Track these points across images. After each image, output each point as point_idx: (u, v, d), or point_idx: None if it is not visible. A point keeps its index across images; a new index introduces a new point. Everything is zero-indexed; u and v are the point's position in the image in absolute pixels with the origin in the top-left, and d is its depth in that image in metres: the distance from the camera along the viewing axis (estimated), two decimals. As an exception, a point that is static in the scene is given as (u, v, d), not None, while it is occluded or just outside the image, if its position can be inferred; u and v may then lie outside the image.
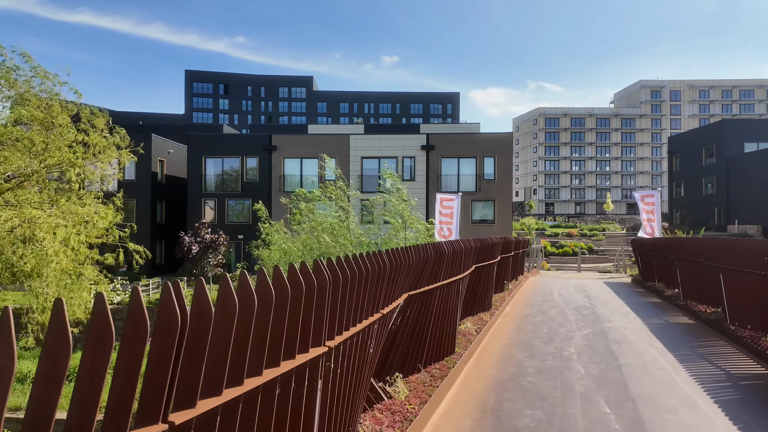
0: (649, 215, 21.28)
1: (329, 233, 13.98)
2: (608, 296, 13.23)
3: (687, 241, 10.66)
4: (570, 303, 11.78)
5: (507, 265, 12.72)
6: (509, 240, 12.64)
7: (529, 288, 15.04)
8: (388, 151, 34.76)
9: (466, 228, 34.29)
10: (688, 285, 11.16)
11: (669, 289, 13.04)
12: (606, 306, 11.23)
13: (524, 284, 15.92)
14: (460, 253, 7.13)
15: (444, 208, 21.40)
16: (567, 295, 13.22)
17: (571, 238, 42.61)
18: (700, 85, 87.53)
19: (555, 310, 10.62)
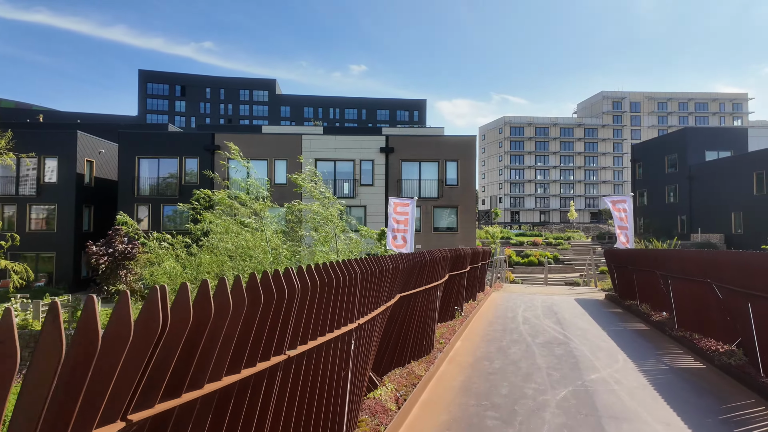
0: (621, 222, 19.09)
1: (240, 246, 10.88)
2: (583, 322, 10.66)
3: (686, 255, 8.16)
4: (538, 334, 9.11)
5: (458, 284, 9.96)
6: (462, 253, 9.91)
7: (489, 310, 12.36)
8: (344, 153, 31.88)
9: (427, 237, 31.68)
10: (685, 311, 8.66)
11: (656, 313, 10.60)
12: (584, 339, 8.60)
13: (484, 304, 13.25)
14: (370, 277, 4.31)
15: (398, 215, 18.62)
16: (534, 321, 10.58)
17: (536, 246, 40.73)
18: (658, 97, 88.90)
19: (519, 348, 7.90)
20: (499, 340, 8.57)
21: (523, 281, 31.50)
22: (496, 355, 7.41)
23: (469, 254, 10.94)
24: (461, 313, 9.95)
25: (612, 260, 15.35)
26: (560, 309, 12.65)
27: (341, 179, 31.85)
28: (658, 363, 7.06)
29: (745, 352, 6.46)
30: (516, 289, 18.98)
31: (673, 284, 8.94)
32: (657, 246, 19.11)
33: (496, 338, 8.70)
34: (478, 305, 12.41)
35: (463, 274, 10.23)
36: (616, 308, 13.18)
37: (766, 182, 34.23)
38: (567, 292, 18.57)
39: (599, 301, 15.13)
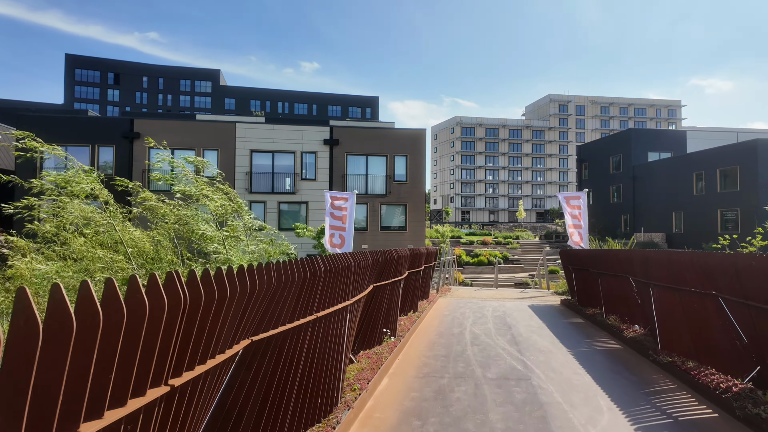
0: (575, 220, 17.55)
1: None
2: (543, 339, 8.61)
3: (677, 258, 6.20)
4: (490, 362, 6.91)
5: (389, 296, 7.59)
6: (395, 256, 7.54)
7: (431, 324, 10.11)
8: (284, 144, 28.94)
9: (374, 236, 29.37)
10: (674, 329, 6.74)
11: (627, 327, 8.73)
12: (549, 370, 6.48)
13: (427, 316, 11.02)
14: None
15: (336, 210, 16.11)
16: (485, 340, 8.42)
17: (486, 246, 39.48)
18: (601, 102, 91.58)
19: (466, 388, 5.64)
20: (439, 374, 6.27)
21: (472, 282, 29.89)
22: (433, 405, 5.08)
23: (407, 257, 8.62)
24: (391, 336, 7.58)
25: (569, 261, 13.59)
26: (514, 320, 10.62)
27: (281, 173, 28.91)
28: (654, 410, 5.00)
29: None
30: (465, 294, 17.00)
31: (658, 295, 7.01)
32: (612, 245, 17.75)
33: (436, 371, 6.40)
34: (419, 318, 10.15)
35: (396, 283, 7.88)
36: (577, 317, 11.33)
37: (705, 182, 34.67)
38: (519, 296, 16.79)
39: (555, 308, 13.32)
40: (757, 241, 14.59)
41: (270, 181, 28.86)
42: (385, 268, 6.85)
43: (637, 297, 8.55)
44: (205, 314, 2.13)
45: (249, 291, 2.55)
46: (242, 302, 2.52)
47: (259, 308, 2.82)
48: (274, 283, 2.84)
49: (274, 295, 2.97)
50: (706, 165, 34.56)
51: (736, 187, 31.98)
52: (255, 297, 2.66)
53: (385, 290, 7.08)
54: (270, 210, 28.47)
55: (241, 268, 2.50)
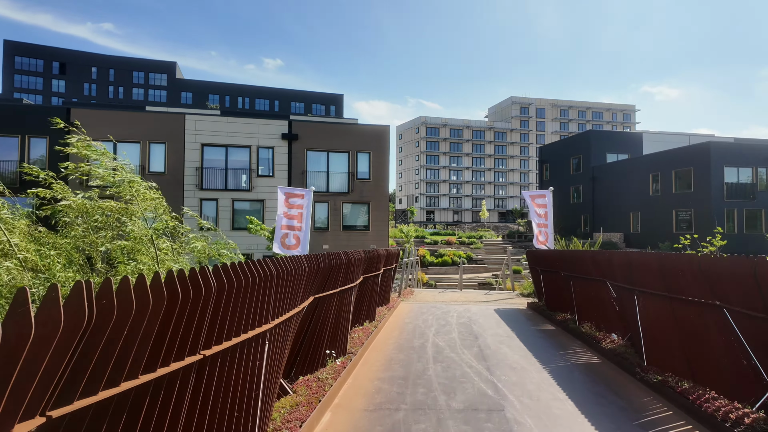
0: (541, 219, 16.91)
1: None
2: (514, 352, 7.62)
3: (669, 262, 5.30)
4: (456, 385, 5.82)
5: (337, 309, 6.35)
6: (348, 260, 6.32)
7: (390, 336, 8.96)
8: (239, 138, 27.13)
9: (336, 236, 28.04)
10: (664, 345, 5.84)
11: (604, 336, 7.87)
12: (524, 395, 5.43)
13: (386, 325, 9.87)
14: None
15: (290, 208, 14.74)
16: (449, 355, 7.34)
17: (450, 246, 38.90)
18: (561, 105, 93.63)
19: (427, 426, 4.50)
20: (394, 404, 5.10)
21: (437, 283, 29.08)
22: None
23: (361, 260, 7.42)
24: (339, 356, 6.34)
25: (537, 263, 12.79)
26: (481, 328, 9.64)
27: (235, 169, 27.09)
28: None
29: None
30: (429, 297, 16.00)
31: (645, 303, 6.11)
32: (578, 246, 17.23)
33: (391, 400, 5.23)
34: (377, 328, 8.98)
35: (346, 291, 6.67)
36: (546, 323, 10.48)
37: (660, 183, 35.38)
38: (484, 299, 15.94)
39: (522, 312, 12.48)
40: (717, 240, 14.27)
41: (223, 178, 26.98)
42: (330, 274, 5.63)
43: (616, 304, 7.71)
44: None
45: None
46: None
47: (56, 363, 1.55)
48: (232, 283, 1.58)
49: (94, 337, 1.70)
50: (662, 166, 35.25)
51: (689, 188, 32.69)
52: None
53: (332, 301, 5.85)
54: (223, 208, 26.61)
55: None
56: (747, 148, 31.40)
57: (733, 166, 31.12)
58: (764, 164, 31.41)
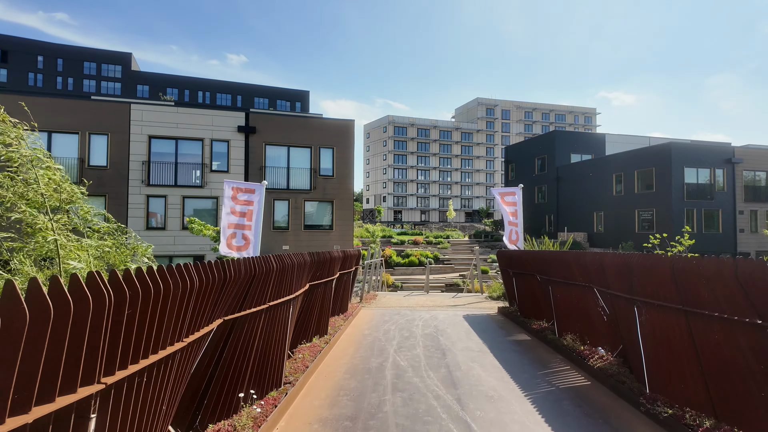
0: (511, 217, 15.91)
1: None
2: (489, 374, 6.37)
3: (686, 267, 4.10)
4: (417, 424, 4.49)
5: (267, 329, 4.84)
6: (280, 265, 4.83)
7: (344, 353, 7.54)
8: (190, 130, 25.00)
9: (297, 236, 26.33)
10: (669, 368, 4.69)
11: (590, 350, 6.74)
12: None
13: (340, 339, 8.44)
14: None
15: (239, 204, 13.05)
16: (412, 380, 5.99)
17: (417, 245, 37.84)
18: (525, 107, 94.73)
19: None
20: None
21: (403, 284, 27.88)
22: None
23: (304, 265, 5.95)
24: (249, 403, 4.83)
25: (509, 264, 11.67)
26: (449, 341, 8.37)
27: (187, 163, 24.93)
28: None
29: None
30: (393, 301, 14.67)
31: (648, 318, 4.95)
32: (549, 246, 16.31)
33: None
34: (328, 345, 7.54)
35: (280, 306, 5.18)
36: (521, 333, 9.34)
37: (623, 184, 35.54)
38: (451, 302, 14.77)
39: (493, 318, 11.33)
40: (686, 240, 13.59)
41: (173, 173, 24.78)
42: (253, 287, 4.16)
43: (603, 314, 6.59)
44: None
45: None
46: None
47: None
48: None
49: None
50: (625, 167, 35.40)
51: (652, 188, 32.87)
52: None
53: (255, 322, 4.37)
54: (172, 206, 24.43)
55: None
56: (706, 149, 31.83)
57: (692, 167, 31.46)
58: (721, 166, 31.92)
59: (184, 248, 24.37)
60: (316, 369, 6.42)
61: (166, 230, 24.37)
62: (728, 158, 31.93)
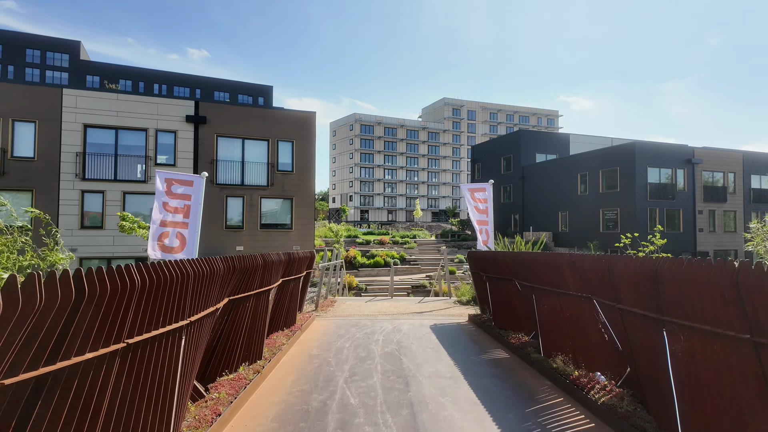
0: (481, 215, 14.58)
1: None
2: (468, 417, 4.83)
3: (752, 275, 2.64)
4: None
5: (152, 368, 3.07)
6: (163, 277, 3.10)
7: (279, 387, 5.80)
8: (132, 119, 22.47)
9: (252, 236, 24.22)
10: (715, 412, 3.27)
11: (587, 376, 5.33)
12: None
13: (278, 365, 6.71)
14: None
15: (174, 198, 11.04)
16: (362, 428, 4.42)
17: (383, 245, 36.32)
18: (490, 108, 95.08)
19: None
20: None
21: (367, 287, 26.25)
22: None
23: (218, 274, 4.21)
24: None
25: (482, 267, 10.26)
26: (414, 363, 6.81)
27: (128, 156, 22.39)
28: None
29: None
30: (352, 309, 13.02)
31: (686, 346, 3.53)
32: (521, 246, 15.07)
33: None
34: (260, 374, 5.82)
35: (183, 330, 3.45)
36: (499, 349, 7.89)
37: (588, 183, 35.30)
38: (417, 308, 13.28)
39: (464, 329, 9.87)
40: (657, 239, 12.61)
41: (112, 166, 22.20)
42: (147, 307, 2.42)
43: (604, 331, 5.20)
44: None
45: None
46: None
47: None
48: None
49: None
50: (590, 166, 35.14)
51: (616, 188, 32.66)
52: None
53: (98, 376, 2.63)
54: (111, 202, 21.86)
55: None
56: (667, 149, 31.87)
57: (655, 167, 31.41)
58: (682, 166, 32.06)
59: (125, 249, 21.85)
60: (235, 414, 4.69)
61: (104, 229, 21.76)
62: (688, 158, 32.10)
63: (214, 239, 23.17)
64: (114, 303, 2.56)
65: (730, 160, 33.51)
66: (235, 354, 5.71)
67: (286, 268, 8.04)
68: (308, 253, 9.94)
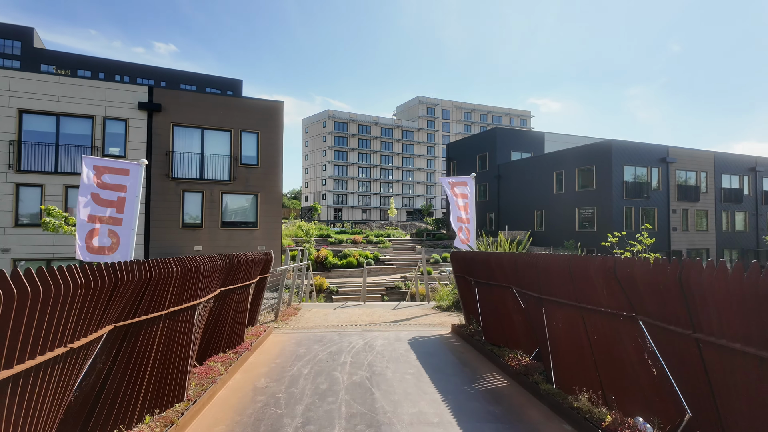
0: (461, 212, 13.12)
1: None
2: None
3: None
4: None
5: None
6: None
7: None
8: (76, 105, 20.00)
9: (213, 234, 22.05)
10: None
11: (621, 419, 3.85)
12: None
13: (209, 404, 4.98)
14: None
15: (105, 190, 8.99)
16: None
17: (356, 245, 34.59)
18: (464, 107, 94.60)
19: None
20: None
21: (339, 289, 24.50)
22: None
23: (110, 287, 2.45)
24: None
25: (469, 271, 8.72)
26: (389, 400, 5.18)
27: (71, 145, 19.91)
28: None
29: None
30: (318, 318, 11.29)
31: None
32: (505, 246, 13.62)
33: None
34: (176, 427, 4.10)
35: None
36: (494, 374, 6.36)
37: (565, 182, 34.59)
38: (393, 316, 11.67)
39: (449, 344, 8.31)
40: (645, 238, 11.43)
41: (53, 157, 19.69)
42: None
43: (651, 363, 3.71)
44: None
45: None
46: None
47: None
48: None
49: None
50: (566, 164, 34.41)
51: (592, 186, 32.01)
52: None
53: None
54: (52, 197, 19.37)
55: None
56: (643, 148, 31.40)
57: (631, 165, 30.88)
58: (657, 165, 31.67)
59: (68, 249, 19.37)
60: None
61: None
62: (663, 157, 31.75)
63: (170, 239, 20.94)
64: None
65: (702, 160, 33.41)
66: (134, 401, 3.93)
67: (228, 275, 6.27)
68: (262, 255, 8.17)
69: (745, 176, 35.34)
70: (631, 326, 3.91)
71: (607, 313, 4.16)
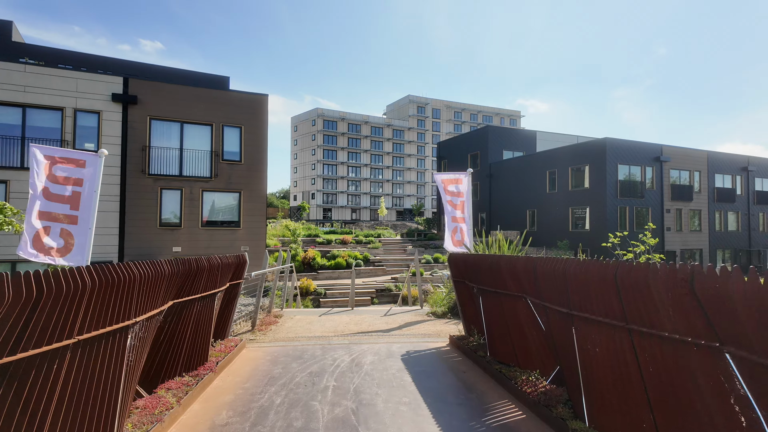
0: (456, 211, 12.12)
1: None
2: None
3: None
4: None
5: None
6: None
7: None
8: (45, 96, 18.56)
9: (193, 234, 20.70)
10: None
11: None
12: None
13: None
14: None
15: (57, 183, 7.68)
16: None
17: (345, 245, 33.40)
18: (455, 107, 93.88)
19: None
20: None
21: (327, 291, 23.31)
22: None
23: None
24: None
25: (470, 276, 7.64)
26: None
27: (39, 139, 18.45)
28: None
29: None
30: (301, 327, 10.14)
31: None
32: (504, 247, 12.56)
33: None
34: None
35: None
36: (506, 401, 5.29)
37: (557, 181, 33.83)
38: (384, 324, 10.58)
39: (449, 362, 7.24)
40: (648, 238, 10.52)
41: (18, 151, 18.23)
42: None
43: (739, 409, 2.67)
44: None
45: None
46: None
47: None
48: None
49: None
50: (559, 163, 33.64)
51: (586, 186, 31.26)
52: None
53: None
54: (16, 194, 17.92)
55: None
56: (637, 146, 30.73)
57: (625, 164, 30.19)
58: (651, 164, 31.04)
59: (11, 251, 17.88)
60: None
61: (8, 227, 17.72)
62: (657, 156, 31.12)
63: (146, 239, 19.57)
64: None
65: (695, 159, 32.88)
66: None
67: (184, 284, 5.11)
68: (233, 259, 7.01)
69: (738, 176, 34.94)
70: (711, 359, 2.86)
71: (672, 340, 3.10)
